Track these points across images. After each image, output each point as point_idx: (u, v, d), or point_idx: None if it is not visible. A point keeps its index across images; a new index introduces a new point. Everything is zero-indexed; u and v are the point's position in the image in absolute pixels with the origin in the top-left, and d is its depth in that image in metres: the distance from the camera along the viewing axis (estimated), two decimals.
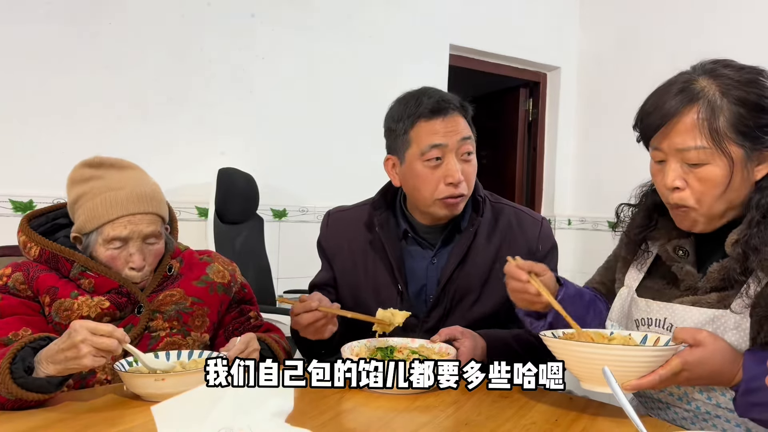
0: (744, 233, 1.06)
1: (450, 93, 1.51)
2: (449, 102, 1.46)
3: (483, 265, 1.51)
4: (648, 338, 1.09)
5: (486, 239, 1.53)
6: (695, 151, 1.05)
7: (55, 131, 2.58)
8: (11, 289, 1.27)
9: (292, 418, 0.97)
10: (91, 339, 1.06)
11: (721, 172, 1.05)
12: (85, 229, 1.32)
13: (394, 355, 1.29)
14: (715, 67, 1.08)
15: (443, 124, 1.44)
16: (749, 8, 3.24)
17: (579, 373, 1.06)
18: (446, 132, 1.44)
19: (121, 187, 1.32)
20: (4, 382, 1.04)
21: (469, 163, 1.48)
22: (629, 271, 1.27)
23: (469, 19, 3.76)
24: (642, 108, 1.13)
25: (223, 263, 1.52)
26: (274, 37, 3.12)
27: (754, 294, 1.04)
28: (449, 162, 1.44)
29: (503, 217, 1.57)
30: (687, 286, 1.15)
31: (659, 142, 1.10)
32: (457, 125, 1.46)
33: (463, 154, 1.46)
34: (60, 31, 2.59)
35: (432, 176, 1.45)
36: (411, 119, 1.46)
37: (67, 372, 1.08)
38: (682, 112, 1.06)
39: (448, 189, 1.44)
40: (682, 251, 1.17)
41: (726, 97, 1.05)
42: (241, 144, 3.05)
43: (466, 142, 1.46)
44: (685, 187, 1.09)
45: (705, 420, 1.10)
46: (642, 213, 1.24)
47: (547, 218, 4.28)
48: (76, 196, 1.33)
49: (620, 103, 3.84)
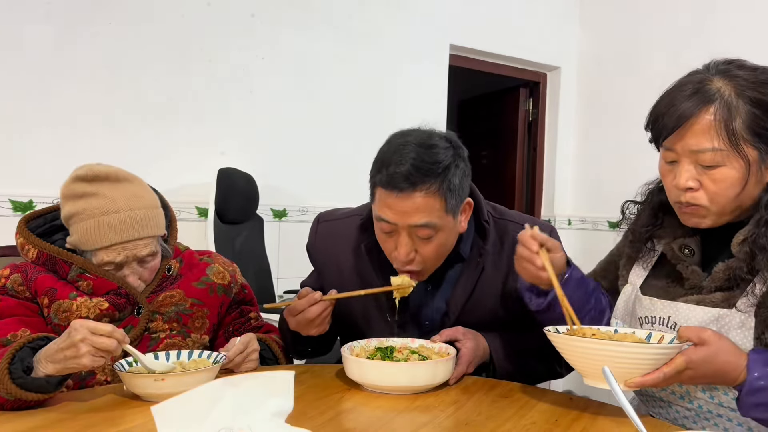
0: (752, 233, 1.06)
1: (424, 160, 1.25)
2: (407, 179, 1.23)
3: (494, 292, 1.42)
4: (652, 336, 1.09)
5: (493, 267, 1.41)
6: (711, 153, 1.04)
7: (55, 131, 2.58)
8: (9, 290, 1.27)
9: (292, 418, 0.97)
10: (90, 338, 1.05)
11: (736, 174, 1.04)
12: (79, 247, 1.30)
13: (394, 355, 1.29)
14: (729, 68, 1.07)
15: (396, 202, 1.25)
16: (749, 8, 3.24)
17: (582, 369, 1.06)
18: (398, 212, 1.26)
19: (116, 210, 1.27)
20: (2, 383, 1.04)
21: (429, 243, 1.29)
22: (633, 268, 1.27)
23: (469, 19, 3.76)
24: (655, 109, 1.11)
25: (223, 264, 1.51)
26: (274, 37, 3.12)
27: (759, 293, 1.04)
28: (399, 239, 1.29)
29: (508, 237, 1.42)
30: (692, 285, 1.15)
31: (673, 143, 1.08)
32: (413, 206, 1.24)
33: (420, 236, 1.28)
34: (60, 31, 2.59)
35: (384, 243, 1.34)
36: (372, 180, 1.32)
37: (66, 371, 1.08)
38: (697, 114, 1.04)
39: (396, 261, 1.33)
40: (687, 250, 1.17)
41: (741, 98, 1.03)
42: (241, 144, 3.05)
43: (421, 228, 1.26)
44: (698, 188, 1.07)
45: (707, 419, 1.10)
46: (648, 211, 1.24)
47: (548, 219, 4.31)
48: (68, 214, 1.29)
49: (620, 103, 3.85)
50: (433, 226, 1.27)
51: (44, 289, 1.28)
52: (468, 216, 1.38)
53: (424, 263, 1.32)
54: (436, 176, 1.25)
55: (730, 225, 1.11)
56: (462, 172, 1.31)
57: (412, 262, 1.31)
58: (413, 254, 1.30)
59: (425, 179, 1.24)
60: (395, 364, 1.20)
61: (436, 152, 1.27)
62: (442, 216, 1.27)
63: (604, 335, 1.10)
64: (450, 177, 1.27)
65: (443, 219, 1.28)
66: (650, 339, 1.08)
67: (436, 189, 1.25)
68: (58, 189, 1.32)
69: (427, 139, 1.30)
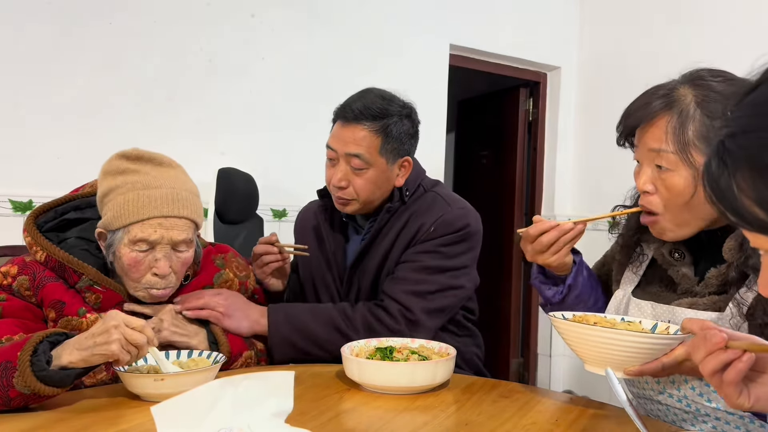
0: (740, 238, 1.06)
1: (375, 105, 1.51)
2: (354, 113, 1.50)
3: (386, 245, 1.57)
4: (658, 327, 1.09)
5: (402, 223, 1.57)
6: (663, 155, 1.08)
7: (55, 131, 2.58)
8: (15, 292, 1.23)
9: (292, 418, 0.97)
10: (123, 328, 1.05)
11: (684, 182, 1.07)
12: (112, 225, 1.22)
13: (394, 355, 1.29)
14: (702, 76, 1.10)
15: (342, 131, 1.52)
16: (749, 10, 3.24)
17: (583, 355, 1.06)
18: (340, 139, 1.52)
19: (158, 186, 1.22)
20: (23, 375, 1.01)
21: (360, 176, 1.52)
22: (625, 274, 1.28)
23: (469, 19, 3.76)
24: (626, 108, 1.16)
25: (236, 269, 1.46)
26: (274, 37, 3.12)
27: (750, 299, 1.04)
28: (338, 166, 1.53)
29: (420, 201, 1.60)
30: (684, 290, 1.15)
31: (637, 140, 1.14)
32: (352, 136, 1.50)
33: (353, 166, 1.51)
34: (60, 31, 2.59)
35: (327, 171, 1.57)
36: (333, 118, 1.58)
37: (92, 360, 1.05)
38: (655, 117, 1.09)
39: (332, 188, 1.55)
40: (678, 254, 1.17)
41: (701, 108, 1.06)
42: (241, 144, 3.05)
43: (354, 158, 1.50)
44: (654, 192, 1.11)
45: (704, 422, 1.10)
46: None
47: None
48: (107, 189, 1.23)
49: (620, 103, 3.83)
50: (365, 159, 1.50)
51: (51, 301, 1.23)
52: (406, 174, 1.59)
53: (354, 194, 1.53)
54: (379, 119, 1.50)
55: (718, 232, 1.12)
56: (405, 129, 1.54)
57: (344, 190, 1.53)
58: (345, 182, 1.52)
59: (369, 118, 1.49)
60: (395, 364, 1.21)
61: (388, 103, 1.53)
62: (374, 155, 1.50)
63: (608, 323, 1.10)
64: (391, 125, 1.51)
65: (375, 157, 1.51)
66: (656, 329, 1.08)
67: (376, 129, 1.50)
68: (58, 189, 1.30)
69: (387, 94, 1.57)
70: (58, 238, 1.30)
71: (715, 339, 0.78)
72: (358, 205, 1.55)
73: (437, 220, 1.54)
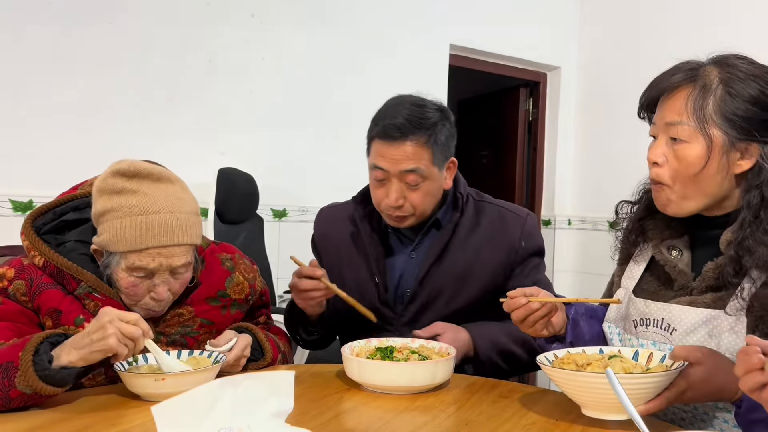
0: (737, 234, 1.06)
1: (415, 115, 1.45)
2: (400, 129, 1.43)
3: (462, 262, 1.53)
4: (639, 354, 1.07)
5: (465, 236, 1.54)
6: (680, 127, 1.08)
7: (55, 131, 2.58)
8: (11, 296, 1.20)
9: (292, 418, 0.97)
10: (117, 322, 1.06)
11: (696, 153, 1.07)
12: (108, 248, 1.18)
13: (394, 355, 1.29)
14: (728, 57, 1.11)
15: (389, 150, 1.44)
16: (750, 8, 3.24)
17: (580, 401, 1.05)
18: (390, 158, 1.44)
19: (156, 211, 1.17)
20: (26, 374, 1.01)
21: (416, 190, 1.46)
22: (627, 269, 1.28)
23: (469, 19, 3.76)
24: (651, 81, 1.16)
25: (245, 271, 1.42)
26: (274, 37, 3.12)
27: (748, 296, 1.04)
28: (390, 185, 1.46)
29: (485, 215, 1.57)
30: (680, 286, 1.15)
31: (656, 114, 1.14)
32: (403, 154, 1.43)
33: (409, 182, 1.45)
34: (60, 31, 2.59)
35: (376, 192, 1.50)
36: (370, 135, 1.51)
37: (91, 358, 1.06)
38: (677, 88, 1.10)
39: (387, 208, 1.48)
40: (676, 251, 1.18)
41: (723, 84, 1.07)
42: (241, 144, 3.05)
43: (410, 174, 1.44)
44: (664, 164, 1.11)
45: (703, 420, 1.10)
46: (641, 206, 1.25)
47: (548, 219, 4.31)
48: (102, 209, 1.18)
49: (620, 103, 3.84)
50: (421, 173, 1.44)
51: (48, 309, 1.20)
52: (452, 174, 1.55)
53: (412, 209, 1.48)
54: (425, 130, 1.44)
55: (717, 225, 1.12)
56: (448, 132, 1.50)
57: (401, 208, 1.47)
58: (402, 200, 1.46)
59: (416, 131, 1.43)
60: (395, 364, 1.21)
61: (426, 110, 1.47)
62: (429, 166, 1.45)
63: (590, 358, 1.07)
64: (437, 132, 1.46)
65: (430, 169, 1.45)
66: (638, 356, 1.07)
67: (425, 141, 1.44)
68: (58, 189, 1.29)
69: (419, 101, 1.51)
70: (57, 242, 1.26)
71: (753, 360, 0.80)
72: (415, 219, 1.51)
73: (522, 233, 1.56)
